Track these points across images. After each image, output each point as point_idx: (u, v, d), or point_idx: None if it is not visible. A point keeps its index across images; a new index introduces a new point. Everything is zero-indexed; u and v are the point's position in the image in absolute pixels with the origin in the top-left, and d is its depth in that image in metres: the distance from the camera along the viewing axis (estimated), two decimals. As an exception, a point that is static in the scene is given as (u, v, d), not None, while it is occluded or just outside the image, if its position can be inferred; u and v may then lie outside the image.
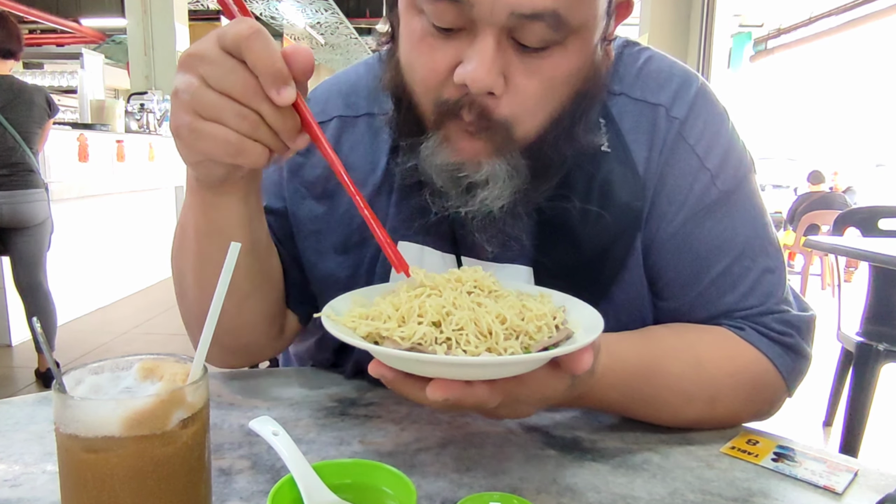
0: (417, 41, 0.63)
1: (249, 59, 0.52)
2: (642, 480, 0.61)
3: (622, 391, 0.67)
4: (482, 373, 0.51)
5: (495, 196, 0.65)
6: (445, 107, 0.63)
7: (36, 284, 3.22)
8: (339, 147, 0.79)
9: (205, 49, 0.54)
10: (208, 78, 0.53)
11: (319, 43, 12.22)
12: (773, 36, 9.69)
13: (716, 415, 0.72)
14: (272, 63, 0.52)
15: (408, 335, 0.53)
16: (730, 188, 0.75)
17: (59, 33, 11.91)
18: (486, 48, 0.59)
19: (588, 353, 0.53)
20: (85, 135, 4.48)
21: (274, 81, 0.52)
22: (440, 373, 0.51)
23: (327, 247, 0.79)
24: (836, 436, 2.51)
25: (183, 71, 0.55)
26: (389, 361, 0.53)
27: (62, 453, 0.43)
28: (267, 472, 0.60)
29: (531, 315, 0.56)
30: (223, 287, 0.46)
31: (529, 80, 0.61)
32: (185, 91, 0.54)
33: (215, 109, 0.54)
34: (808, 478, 0.62)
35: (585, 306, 0.61)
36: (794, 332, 0.74)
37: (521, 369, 0.53)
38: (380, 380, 0.54)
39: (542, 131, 0.65)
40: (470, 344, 0.52)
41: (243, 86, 0.53)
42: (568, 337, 0.56)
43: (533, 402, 0.57)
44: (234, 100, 0.53)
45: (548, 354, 0.51)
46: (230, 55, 0.53)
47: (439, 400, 0.50)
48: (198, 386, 0.45)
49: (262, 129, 0.55)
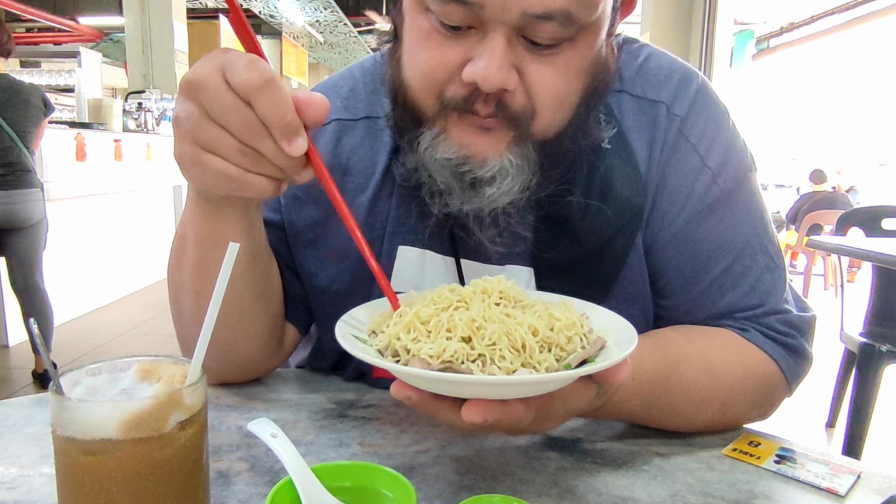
0: (424, 38, 0.62)
1: (259, 110, 0.51)
2: (643, 482, 0.61)
3: (641, 400, 0.67)
4: (523, 391, 0.49)
5: (502, 192, 0.65)
6: (451, 103, 0.63)
7: (32, 285, 3.22)
8: (339, 150, 0.78)
9: (207, 78, 0.52)
10: (210, 110, 0.52)
11: (318, 41, 12.23)
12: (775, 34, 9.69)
13: (725, 419, 0.72)
14: (282, 116, 0.51)
15: (437, 352, 0.50)
16: (731, 187, 0.75)
17: (56, 31, 11.91)
18: (496, 46, 0.58)
19: (626, 366, 0.52)
20: (82, 134, 4.48)
21: (285, 134, 0.51)
22: (477, 393, 0.48)
23: (327, 255, 0.78)
24: (839, 437, 2.51)
25: (184, 97, 0.53)
26: (417, 382, 0.50)
27: (59, 456, 0.43)
28: (265, 474, 0.60)
29: (560, 325, 0.54)
30: (222, 286, 0.46)
31: (545, 74, 0.61)
32: (185, 120, 0.53)
33: (217, 143, 0.53)
34: (810, 480, 0.62)
35: (609, 313, 0.59)
36: (796, 333, 0.75)
37: (559, 385, 0.51)
38: (403, 401, 0.51)
39: (562, 126, 0.65)
40: (504, 360, 0.50)
41: (245, 125, 0.51)
42: (602, 347, 0.54)
43: (560, 415, 0.56)
44: (242, 142, 0.52)
45: (590, 369, 0.49)
46: (241, 98, 0.51)
47: (478, 422, 0.48)
48: (196, 387, 0.45)
49: (264, 164, 0.54)
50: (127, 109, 5.78)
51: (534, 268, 0.75)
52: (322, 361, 0.87)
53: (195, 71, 0.53)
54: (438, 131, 0.65)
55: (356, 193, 0.77)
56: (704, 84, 0.78)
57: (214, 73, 0.51)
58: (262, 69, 0.51)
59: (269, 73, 0.51)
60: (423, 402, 0.51)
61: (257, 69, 0.51)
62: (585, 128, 0.68)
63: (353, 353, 0.50)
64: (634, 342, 0.52)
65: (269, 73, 0.51)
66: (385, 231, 0.76)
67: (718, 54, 6.20)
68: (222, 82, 0.51)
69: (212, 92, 0.51)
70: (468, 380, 0.47)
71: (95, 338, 4.17)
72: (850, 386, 2.45)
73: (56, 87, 11.93)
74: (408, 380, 0.50)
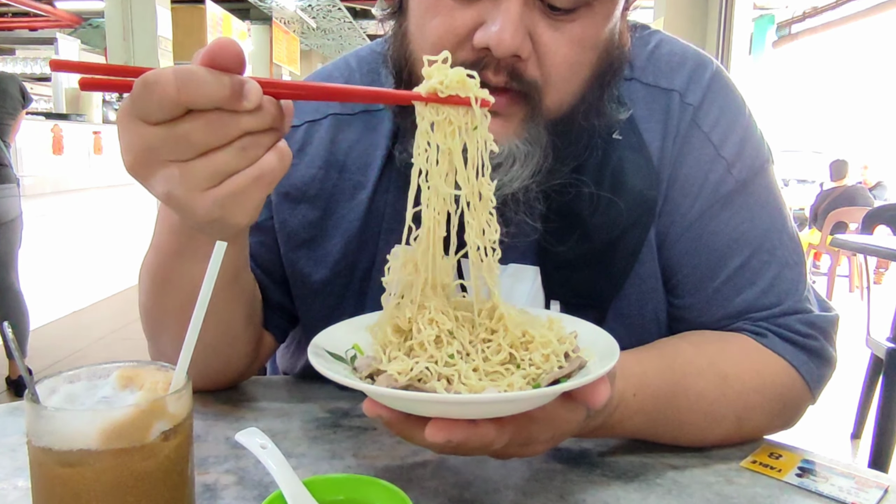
0: (433, 4, 0.63)
1: (197, 103, 0.47)
2: (656, 497, 0.61)
3: (647, 417, 0.66)
4: (488, 410, 0.50)
5: (511, 178, 0.65)
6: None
7: (7, 285, 3.22)
8: (335, 146, 0.79)
9: (142, 141, 0.48)
10: (178, 157, 0.49)
11: (311, 27, 12.23)
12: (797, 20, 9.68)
13: (742, 432, 0.72)
14: (218, 85, 0.46)
15: (404, 370, 0.51)
16: (746, 178, 0.75)
17: (31, 16, 11.91)
18: (512, 8, 0.59)
19: (604, 384, 0.51)
20: (59, 125, 4.49)
21: (234, 97, 0.47)
22: (442, 412, 0.49)
23: (323, 254, 0.78)
24: (865, 449, 2.51)
25: (147, 178, 0.51)
26: (385, 401, 0.51)
27: (35, 468, 0.43)
28: (254, 487, 0.60)
29: (535, 344, 0.54)
30: (209, 288, 0.46)
31: (559, 44, 0.62)
32: (173, 188, 0.50)
33: (218, 169, 0.49)
34: (834, 494, 0.62)
35: (598, 330, 0.59)
36: (818, 335, 0.74)
37: (529, 405, 0.51)
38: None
39: (574, 101, 0.66)
40: (470, 378, 0.51)
41: (213, 129, 0.48)
42: (581, 366, 0.54)
43: (545, 439, 0.56)
44: (220, 147, 0.49)
45: (558, 388, 0.50)
46: (168, 122, 0.48)
47: (440, 442, 0.48)
48: (180, 395, 0.45)
49: (260, 139, 0.50)
50: (107, 100, 5.80)
51: (540, 266, 0.75)
52: (314, 369, 0.87)
53: (127, 150, 0.50)
54: None
55: (354, 191, 0.77)
56: (719, 71, 0.78)
57: (141, 130, 0.48)
58: (160, 75, 0.46)
59: (167, 71, 0.47)
60: (395, 421, 0.51)
61: (157, 80, 0.46)
62: (599, 106, 0.69)
63: (323, 373, 0.52)
64: (614, 360, 0.52)
65: (167, 71, 0.47)
66: (381, 228, 0.77)
67: (737, 41, 6.21)
68: (155, 129, 0.48)
69: (159, 145, 0.48)
70: (430, 398, 0.48)
71: (74, 342, 4.17)
72: (877, 394, 2.45)
73: (31, 76, 11.92)
74: (375, 398, 0.51)
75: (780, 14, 9.28)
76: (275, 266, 0.80)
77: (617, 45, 0.68)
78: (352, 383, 0.50)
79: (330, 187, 0.78)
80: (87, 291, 5.05)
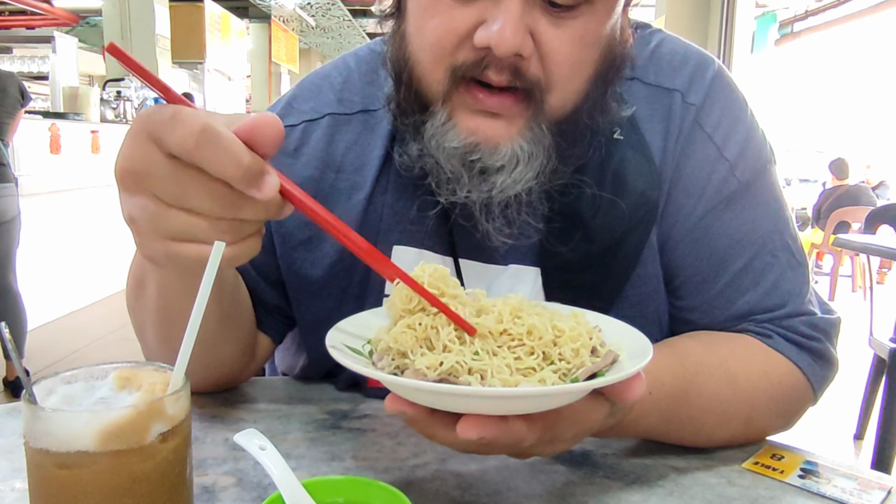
0: (432, 4, 0.63)
1: (211, 169, 0.45)
2: (658, 498, 0.61)
3: (661, 416, 0.66)
4: (525, 405, 0.49)
5: (513, 180, 0.65)
6: (461, 70, 0.63)
7: (4, 285, 3.22)
8: (333, 147, 0.78)
9: (146, 161, 0.47)
10: (165, 198, 0.47)
11: (310, 25, 12.24)
12: (800, 18, 9.68)
13: (748, 433, 0.72)
14: (238, 163, 0.44)
15: (433, 365, 0.50)
16: (749, 179, 0.75)
17: (29, 15, 11.91)
18: (512, 6, 0.59)
19: (639, 380, 0.51)
20: (57, 124, 4.49)
21: (250, 182, 0.45)
22: (475, 407, 0.48)
23: (321, 255, 0.78)
24: (868, 450, 2.51)
25: (128, 192, 0.48)
26: (411, 395, 0.50)
27: (32, 469, 0.43)
28: (253, 489, 0.60)
29: (565, 338, 0.53)
30: (206, 288, 0.46)
31: (561, 41, 0.62)
32: (142, 217, 0.48)
33: (188, 230, 0.47)
34: (837, 496, 0.62)
35: (622, 325, 0.59)
36: (821, 337, 0.74)
37: (567, 400, 0.50)
38: (399, 417, 0.51)
39: (578, 99, 0.66)
40: (503, 373, 0.50)
41: (211, 198, 0.46)
42: (614, 361, 0.54)
43: (569, 437, 0.55)
44: (206, 215, 0.47)
45: (596, 382, 0.49)
46: (180, 162, 0.46)
47: (473, 439, 0.47)
48: (179, 396, 0.45)
49: (246, 226, 0.49)
50: (105, 98, 5.80)
51: (540, 267, 0.75)
52: (318, 368, 0.87)
53: (126, 157, 0.48)
54: (445, 117, 0.65)
55: (351, 192, 0.77)
56: (721, 71, 0.78)
57: (150, 152, 0.46)
58: (190, 120, 0.45)
59: (199, 120, 0.45)
60: (419, 418, 0.50)
61: (185, 122, 0.45)
62: (603, 104, 0.69)
63: (345, 364, 0.50)
64: (649, 355, 0.51)
65: (199, 120, 0.45)
66: (379, 230, 0.76)
67: (739, 40, 6.20)
68: (165, 159, 0.46)
69: (157, 176, 0.46)
70: (465, 391, 0.47)
71: (71, 343, 4.17)
72: (880, 394, 2.45)
73: (29, 75, 11.92)
74: (401, 392, 0.50)
75: (782, 12, 9.28)
76: (270, 268, 0.80)
77: (619, 42, 0.68)
78: (381, 377, 0.48)
79: (327, 188, 0.78)
80: (85, 292, 5.05)
